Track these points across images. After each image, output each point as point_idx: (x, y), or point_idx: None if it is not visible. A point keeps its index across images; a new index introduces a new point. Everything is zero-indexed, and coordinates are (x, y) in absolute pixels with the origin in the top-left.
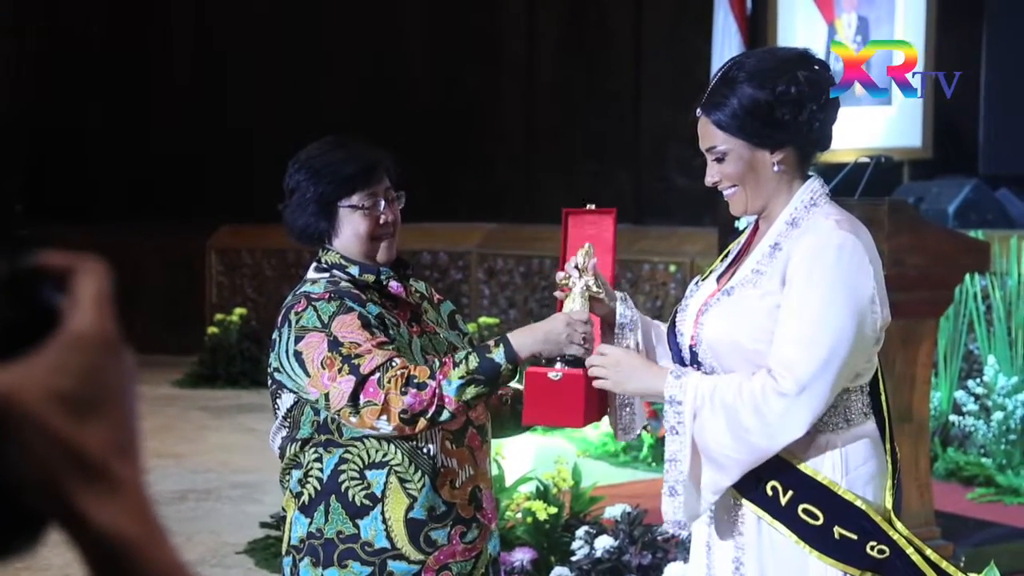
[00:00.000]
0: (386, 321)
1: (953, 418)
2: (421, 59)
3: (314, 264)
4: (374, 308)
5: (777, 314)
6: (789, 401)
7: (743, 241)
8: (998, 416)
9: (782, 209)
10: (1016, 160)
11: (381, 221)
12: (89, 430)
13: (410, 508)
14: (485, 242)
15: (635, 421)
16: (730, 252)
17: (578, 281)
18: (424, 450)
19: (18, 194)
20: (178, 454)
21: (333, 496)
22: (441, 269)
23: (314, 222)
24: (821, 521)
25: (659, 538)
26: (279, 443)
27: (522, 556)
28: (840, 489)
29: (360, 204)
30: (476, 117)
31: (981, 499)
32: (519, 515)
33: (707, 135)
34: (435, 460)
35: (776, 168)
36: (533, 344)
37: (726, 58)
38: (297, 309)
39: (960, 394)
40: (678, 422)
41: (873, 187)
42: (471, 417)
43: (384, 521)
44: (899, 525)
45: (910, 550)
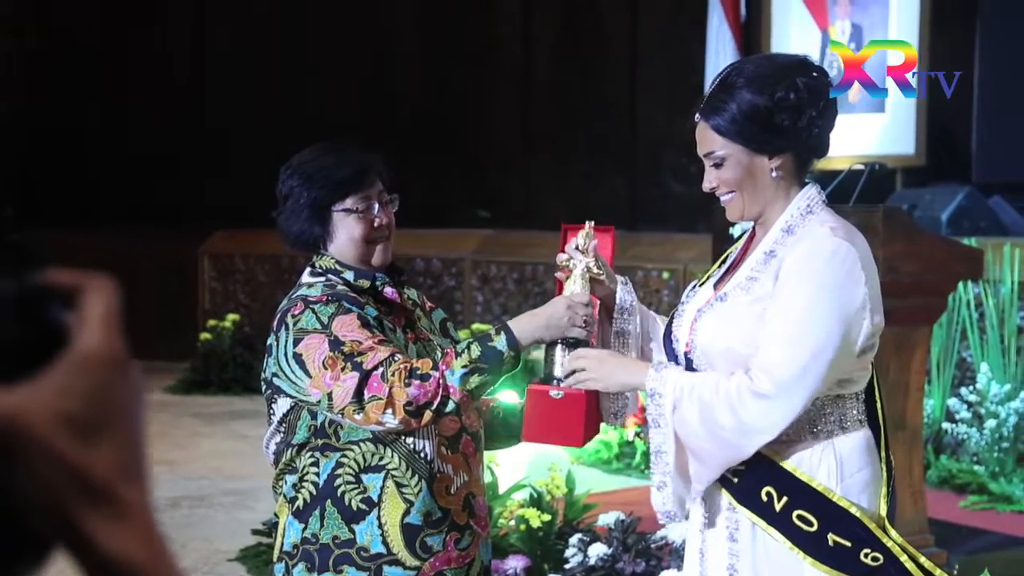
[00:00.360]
0: (384, 325)
1: (946, 426)
2: (415, 64)
3: (309, 269)
4: (372, 311)
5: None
6: (765, 402)
7: (740, 246)
8: (991, 424)
9: (779, 216)
10: (1009, 168)
11: (376, 224)
12: (96, 453)
13: (406, 513)
14: (479, 248)
15: (626, 407)
16: (728, 257)
17: (579, 262)
18: (421, 454)
19: (7, 197)
20: (170, 461)
21: (329, 501)
22: (435, 275)
23: (308, 228)
24: (815, 528)
25: (653, 546)
26: (273, 449)
27: (515, 564)
28: (835, 496)
29: (354, 208)
30: (470, 122)
31: (974, 507)
32: (512, 522)
33: (705, 140)
34: (432, 465)
35: (774, 174)
36: (535, 330)
37: (720, 64)
38: (294, 312)
39: (953, 401)
40: (659, 415)
41: (866, 194)
42: (465, 424)
43: (380, 526)
44: (893, 533)
45: (904, 557)
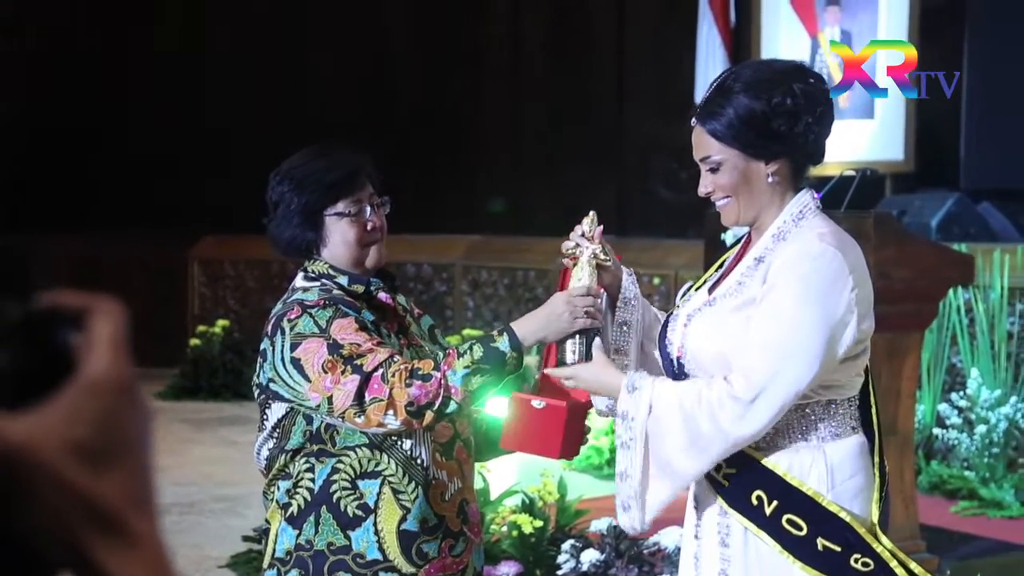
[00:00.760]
0: (380, 330)
1: (936, 431)
2: (405, 70)
3: (302, 274)
4: (368, 315)
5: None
6: (742, 406)
7: (736, 251)
8: (981, 429)
9: (772, 221)
10: (998, 174)
11: (368, 227)
12: (106, 481)
13: (403, 519)
14: (469, 254)
15: (629, 344)
16: (725, 262)
17: (586, 249)
18: (418, 460)
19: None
20: (160, 467)
21: (324, 507)
22: (425, 281)
23: (300, 233)
24: (805, 532)
25: (646, 552)
26: (266, 455)
27: (507, 570)
28: (824, 501)
29: (346, 211)
30: (460, 129)
31: (965, 512)
32: (504, 528)
33: (702, 145)
34: (428, 471)
35: (770, 180)
36: (537, 329)
37: (710, 70)
38: (290, 316)
39: (943, 407)
40: (629, 438)
41: (856, 200)
42: (458, 430)
43: (377, 532)
44: (884, 539)
45: (894, 563)
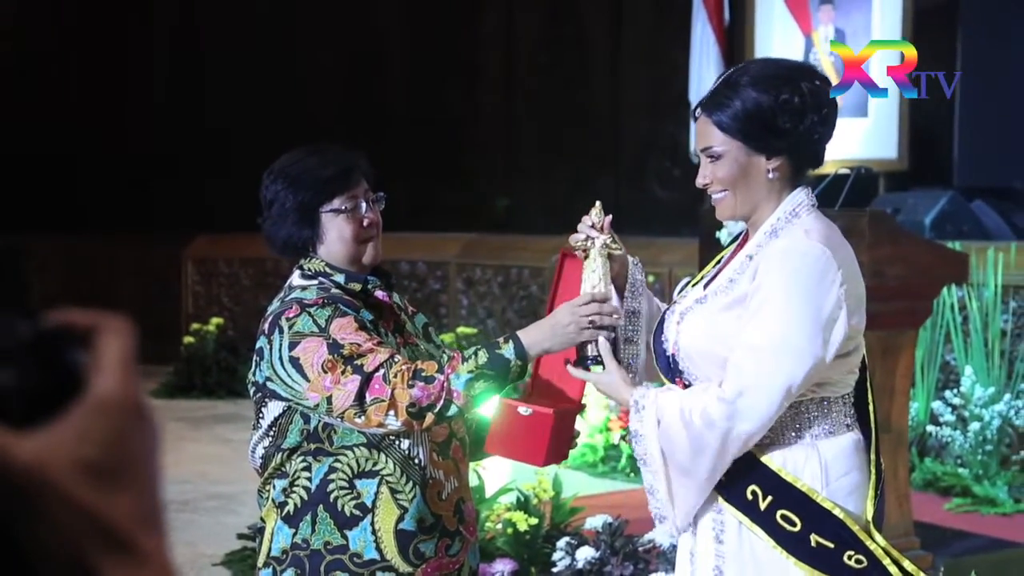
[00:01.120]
0: (379, 328)
1: (930, 429)
2: (400, 70)
3: (298, 272)
4: (367, 314)
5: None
6: (729, 405)
7: (733, 248)
8: (975, 427)
9: (767, 218)
10: (991, 172)
11: (364, 223)
12: (115, 500)
13: (400, 519)
14: (463, 252)
15: (639, 334)
16: (722, 258)
17: (597, 240)
18: (415, 460)
19: None
20: None
21: (321, 506)
22: (419, 279)
23: (296, 231)
24: (798, 528)
25: (640, 549)
26: (261, 453)
27: (502, 567)
28: (818, 497)
29: (342, 207)
30: (455, 127)
31: (958, 509)
32: (499, 526)
33: (705, 135)
34: (425, 471)
35: (770, 175)
36: (542, 339)
37: (704, 70)
38: (289, 315)
39: (937, 404)
40: (645, 454)
41: (850, 199)
42: (454, 429)
43: (374, 532)
44: (878, 536)
45: (887, 561)
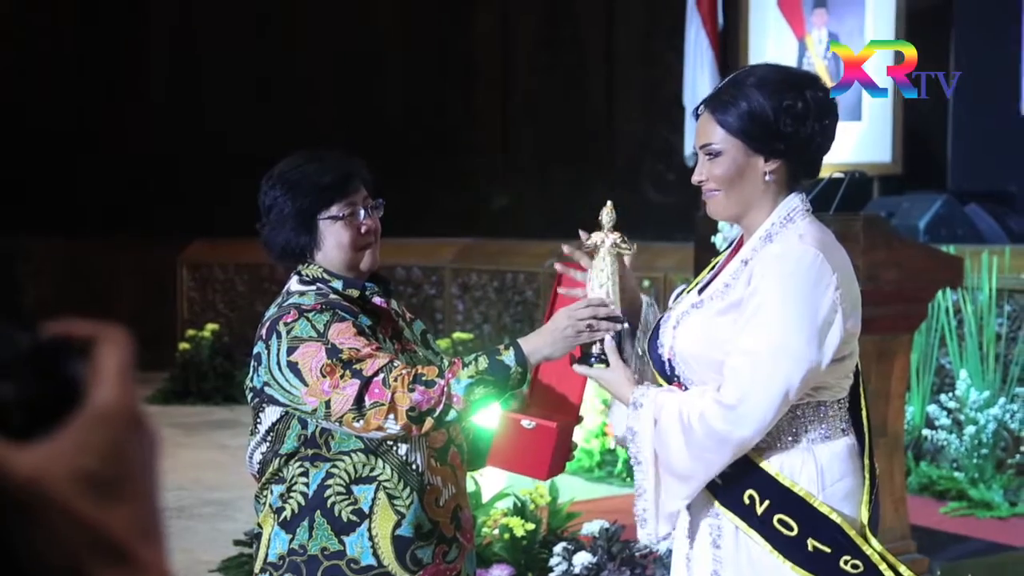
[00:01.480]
0: (377, 334)
1: (926, 432)
2: (395, 73)
3: (296, 277)
4: (365, 320)
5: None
6: (729, 410)
7: (728, 253)
8: (970, 430)
9: (761, 223)
10: (985, 176)
11: (363, 230)
12: (114, 511)
13: (398, 525)
14: (459, 257)
15: (647, 374)
16: (716, 264)
17: (607, 238)
18: (413, 466)
19: None
20: None
21: (318, 511)
22: (415, 284)
23: (294, 237)
24: (795, 532)
25: (637, 554)
26: (258, 459)
27: (499, 573)
28: (816, 501)
29: (340, 214)
30: (450, 132)
31: (954, 513)
32: (496, 531)
33: (706, 131)
34: (423, 477)
35: (767, 178)
36: (542, 346)
37: (698, 73)
38: (286, 320)
39: (932, 408)
40: (638, 452)
41: (844, 203)
42: (452, 435)
43: (371, 538)
44: (874, 541)
45: (883, 566)
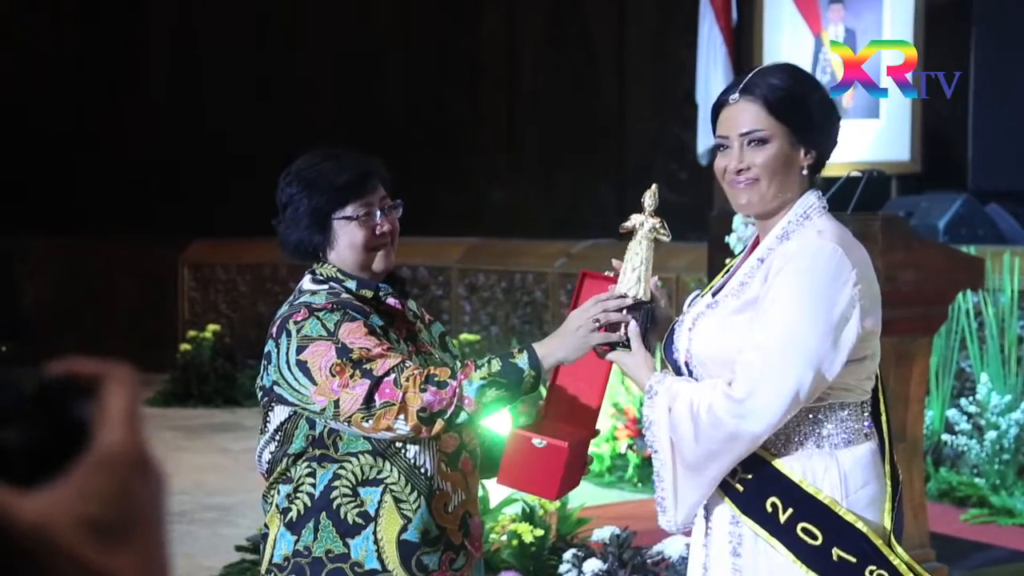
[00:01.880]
0: (389, 334)
1: (945, 437)
2: (401, 71)
3: (309, 276)
4: (377, 320)
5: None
6: (737, 404)
7: (743, 254)
8: (991, 435)
9: (779, 221)
10: (1006, 175)
11: (377, 231)
12: (120, 558)
13: (403, 529)
14: (466, 257)
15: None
16: (730, 268)
17: (646, 222)
18: (421, 470)
19: None
20: None
21: (324, 513)
22: (421, 284)
23: (308, 236)
24: (820, 541)
25: (649, 561)
26: (267, 458)
27: None
28: (841, 509)
29: (354, 215)
30: (457, 131)
31: (975, 520)
32: (504, 538)
33: (748, 118)
34: (432, 481)
35: (804, 172)
36: (556, 349)
37: (711, 70)
38: (296, 319)
39: (952, 413)
40: (654, 440)
41: (862, 202)
42: (464, 440)
43: (376, 541)
44: (899, 549)
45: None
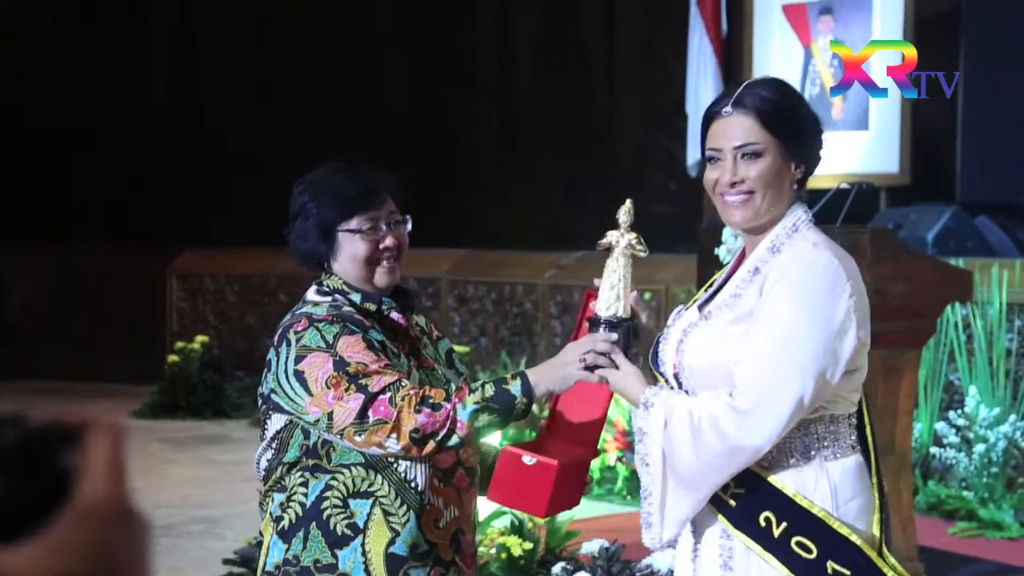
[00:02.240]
0: (388, 350)
1: (934, 450)
2: (392, 80)
3: (315, 287)
4: (376, 335)
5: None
6: (742, 416)
7: (729, 267)
8: (980, 448)
9: (768, 233)
10: (995, 187)
11: (380, 246)
12: None
13: (391, 542)
14: (455, 268)
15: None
16: (715, 281)
17: (622, 239)
18: (412, 484)
19: None
20: (137, 488)
21: (314, 523)
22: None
23: (315, 246)
24: (815, 555)
25: (639, 574)
26: (265, 464)
27: None
28: (835, 522)
29: (358, 228)
30: (448, 141)
31: (963, 533)
32: (493, 551)
33: (741, 131)
34: (422, 496)
35: (793, 185)
36: (547, 380)
37: (702, 80)
38: (297, 328)
39: (941, 426)
40: (646, 454)
41: (851, 214)
42: (461, 457)
43: (364, 553)
44: (892, 560)
45: None
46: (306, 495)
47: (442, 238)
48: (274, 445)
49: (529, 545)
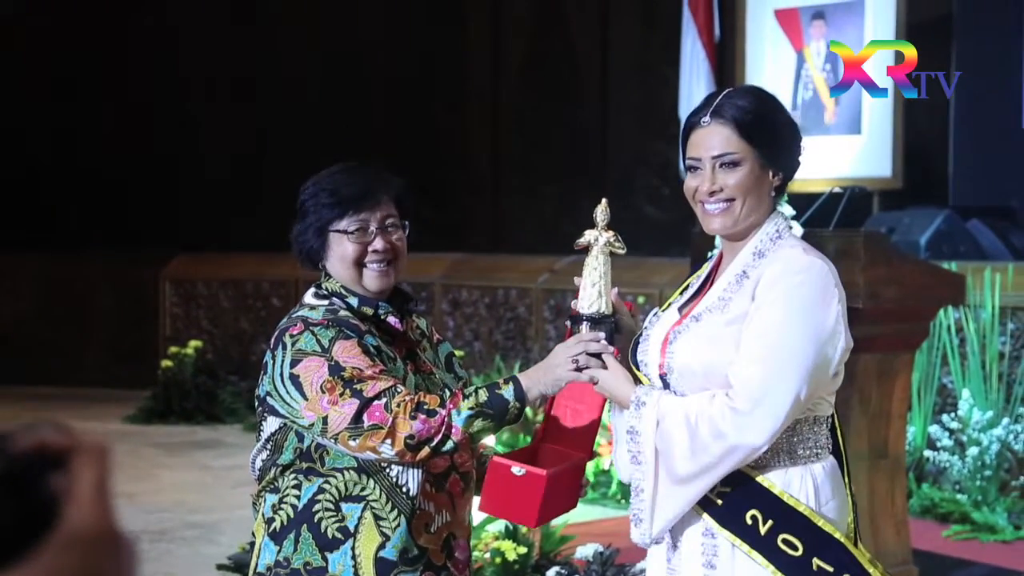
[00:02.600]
0: (383, 354)
1: (928, 453)
2: (384, 86)
3: (313, 290)
4: (372, 339)
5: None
6: (742, 417)
7: (704, 274)
8: (973, 451)
9: (749, 239)
10: (987, 191)
11: (370, 248)
12: None
13: (381, 547)
14: (449, 272)
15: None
16: (690, 285)
17: (600, 237)
18: (403, 489)
19: None
20: (130, 493)
21: (305, 525)
22: None
23: (311, 244)
24: (800, 552)
25: None
26: (260, 464)
27: None
28: (820, 520)
29: (347, 229)
30: (441, 146)
31: (957, 537)
32: (488, 555)
33: (720, 141)
34: (414, 501)
35: (772, 193)
36: (539, 384)
37: (694, 86)
38: (292, 332)
39: (934, 429)
40: (639, 452)
41: (843, 218)
42: (455, 462)
43: (354, 557)
44: (868, 554)
45: None
46: (299, 497)
47: (435, 242)
48: (269, 446)
49: (523, 550)
